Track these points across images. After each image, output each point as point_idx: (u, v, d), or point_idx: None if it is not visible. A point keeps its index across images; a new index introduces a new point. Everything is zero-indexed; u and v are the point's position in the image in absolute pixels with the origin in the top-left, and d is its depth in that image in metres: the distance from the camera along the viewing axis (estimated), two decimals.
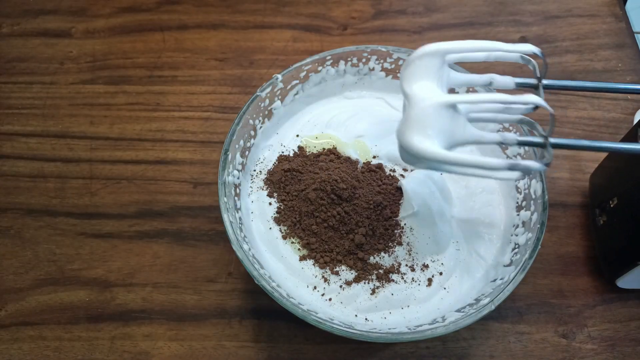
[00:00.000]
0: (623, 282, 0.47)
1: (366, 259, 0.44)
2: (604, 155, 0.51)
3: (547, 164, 0.35)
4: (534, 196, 0.45)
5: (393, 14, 0.71)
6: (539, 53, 0.37)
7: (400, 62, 0.52)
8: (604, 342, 0.46)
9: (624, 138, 0.47)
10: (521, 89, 0.38)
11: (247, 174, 0.50)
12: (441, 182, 0.48)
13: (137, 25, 0.71)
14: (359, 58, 0.53)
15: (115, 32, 0.70)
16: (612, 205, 0.47)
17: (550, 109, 0.35)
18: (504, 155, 0.50)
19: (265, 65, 0.66)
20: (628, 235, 0.44)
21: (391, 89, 0.55)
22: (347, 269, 0.44)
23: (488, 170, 0.36)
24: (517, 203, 0.47)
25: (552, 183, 0.55)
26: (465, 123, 0.37)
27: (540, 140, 0.36)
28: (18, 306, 0.49)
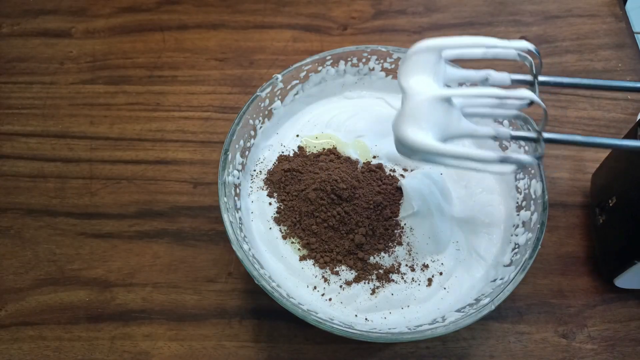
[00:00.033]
0: (621, 282, 0.47)
1: (366, 259, 0.44)
2: (605, 155, 0.51)
3: (539, 158, 0.36)
4: (534, 196, 0.45)
5: (393, 14, 0.71)
6: (533, 49, 0.37)
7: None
8: (604, 342, 0.46)
9: (625, 138, 0.47)
10: (517, 85, 0.39)
11: (247, 174, 0.50)
12: (441, 182, 0.48)
13: (137, 25, 0.71)
14: (359, 58, 0.53)
15: (115, 32, 0.70)
16: (611, 205, 0.47)
17: (542, 104, 0.36)
18: (500, 151, 0.50)
19: (265, 65, 0.66)
20: (626, 235, 0.44)
21: (391, 89, 0.55)
22: (347, 269, 0.44)
23: (481, 163, 0.36)
24: (517, 203, 0.47)
25: (552, 183, 0.55)
26: (460, 117, 0.37)
27: (533, 135, 0.37)
28: (18, 306, 0.49)
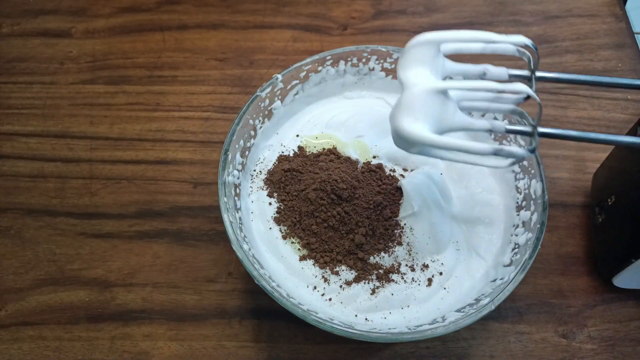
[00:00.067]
0: (619, 281, 0.46)
1: (366, 259, 0.44)
2: (605, 154, 0.51)
3: (532, 150, 0.36)
4: (534, 196, 0.45)
5: (393, 14, 0.71)
6: (530, 44, 0.37)
7: None
8: (604, 342, 0.46)
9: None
10: (515, 80, 0.39)
11: (247, 174, 0.50)
12: (441, 182, 0.48)
13: (137, 25, 0.71)
14: (359, 58, 0.53)
15: (115, 32, 0.70)
16: (610, 203, 0.47)
17: (537, 98, 0.36)
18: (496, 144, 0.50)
19: (265, 65, 0.66)
20: (625, 233, 0.44)
21: (391, 89, 0.55)
22: (347, 269, 0.44)
23: (475, 156, 0.37)
24: (517, 203, 0.47)
25: (552, 183, 0.55)
26: (456, 109, 0.38)
27: (528, 129, 0.37)
28: (18, 306, 0.49)
